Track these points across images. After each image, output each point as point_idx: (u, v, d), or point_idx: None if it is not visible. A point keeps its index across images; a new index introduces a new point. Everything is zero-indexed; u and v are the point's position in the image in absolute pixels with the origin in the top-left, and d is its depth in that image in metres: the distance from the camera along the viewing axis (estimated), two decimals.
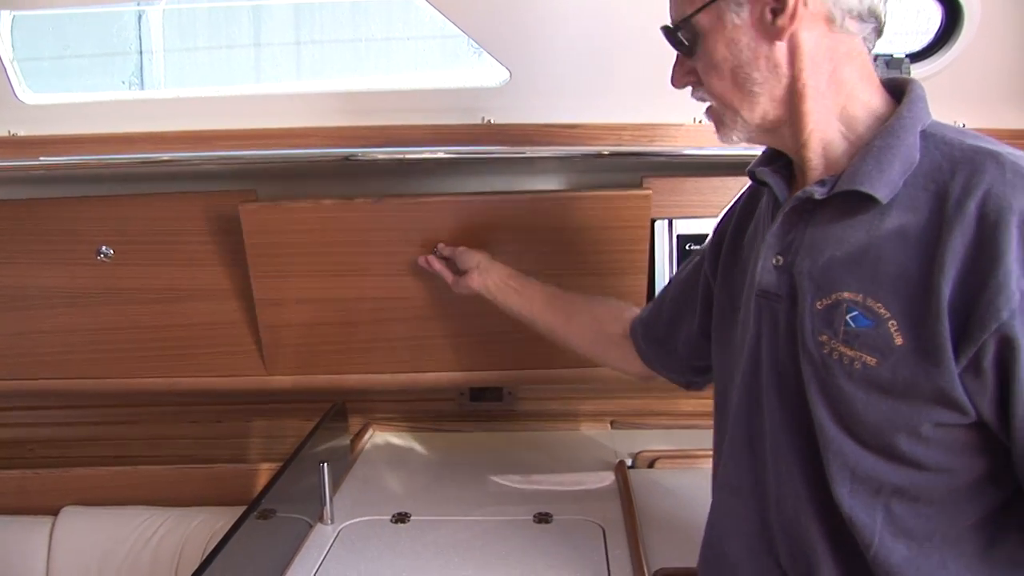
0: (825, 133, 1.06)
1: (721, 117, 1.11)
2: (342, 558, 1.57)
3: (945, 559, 1.01)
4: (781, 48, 1.03)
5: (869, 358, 0.98)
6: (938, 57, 1.70)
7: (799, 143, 1.07)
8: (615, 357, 1.57)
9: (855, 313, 0.99)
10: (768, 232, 1.12)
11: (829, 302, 1.02)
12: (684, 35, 1.08)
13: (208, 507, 2.08)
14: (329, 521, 1.70)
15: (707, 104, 1.13)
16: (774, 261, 1.10)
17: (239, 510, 1.96)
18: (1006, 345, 0.90)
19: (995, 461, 0.99)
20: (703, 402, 2.24)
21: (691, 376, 1.49)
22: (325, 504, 1.70)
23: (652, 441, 2.17)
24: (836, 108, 1.05)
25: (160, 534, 2.05)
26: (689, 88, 1.14)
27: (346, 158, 1.76)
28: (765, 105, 1.06)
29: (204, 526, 2.03)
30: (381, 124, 1.78)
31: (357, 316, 1.92)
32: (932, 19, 1.72)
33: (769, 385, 1.11)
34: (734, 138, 1.12)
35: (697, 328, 1.39)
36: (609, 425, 2.31)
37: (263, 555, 1.41)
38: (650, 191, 1.82)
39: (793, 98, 1.05)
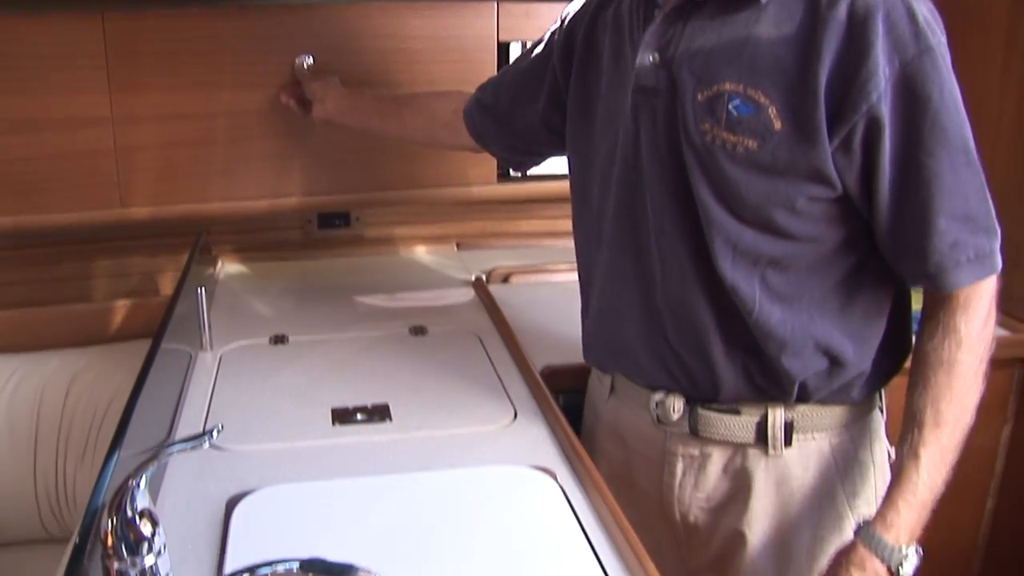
0: None
1: None
2: (230, 381, 1.59)
3: (813, 316, 1.20)
4: None
5: (751, 142, 1.10)
6: None
7: None
8: (446, 136, 1.68)
9: (736, 102, 1.11)
10: (646, 31, 1.20)
11: (711, 93, 1.13)
12: None
13: (61, 349, 2.02)
14: (209, 348, 1.71)
15: None
16: (652, 58, 1.19)
17: (97, 351, 1.96)
18: (874, 124, 1.06)
19: (853, 230, 1.16)
20: (543, 222, 2.38)
21: (522, 156, 1.61)
22: (204, 331, 1.70)
23: (500, 259, 2.27)
24: None
25: (14, 381, 1.97)
26: None
27: None
28: None
29: (63, 369, 1.97)
30: None
31: (214, 134, 1.90)
32: None
33: (651, 175, 1.22)
34: None
35: (539, 117, 1.48)
36: (455, 246, 2.40)
37: (161, 390, 1.42)
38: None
39: None
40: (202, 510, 1.21)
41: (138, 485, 0.86)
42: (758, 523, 1.28)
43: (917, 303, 1.23)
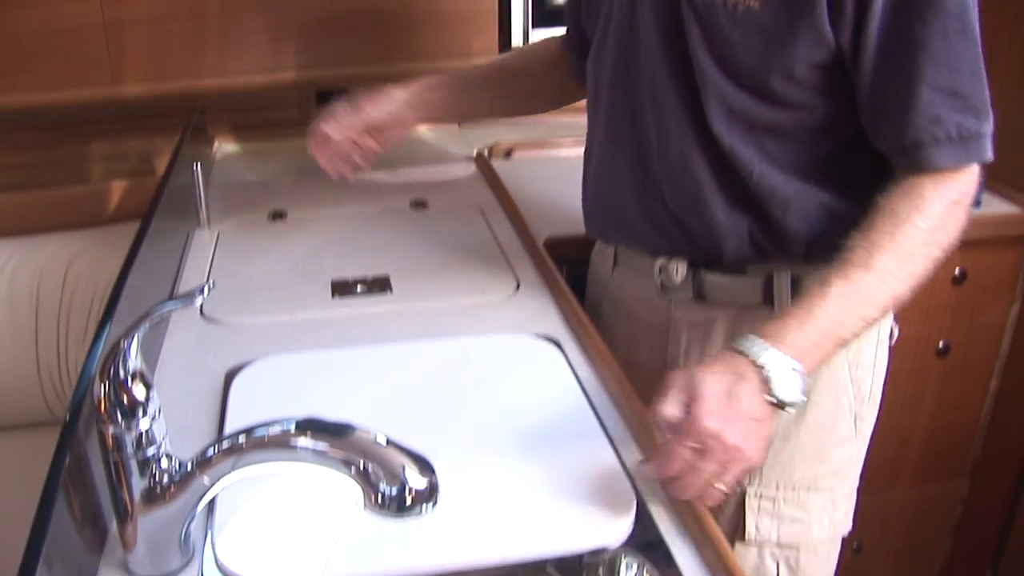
0: None
1: None
2: (229, 257, 1.57)
3: (817, 180, 1.15)
4: None
5: (753, 2, 1.05)
6: None
7: None
8: (556, 93, 1.57)
9: None
10: None
11: None
12: None
13: (58, 233, 2.00)
14: (206, 225, 1.68)
15: None
16: None
17: (95, 233, 1.93)
18: None
19: (847, 103, 1.10)
20: None
21: None
22: (201, 207, 1.67)
23: (502, 134, 2.20)
24: None
25: (11, 266, 1.96)
26: None
27: None
28: None
29: (60, 252, 1.95)
30: None
31: (205, 6, 1.84)
32: None
33: (648, 35, 1.17)
34: None
35: None
36: (457, 123, 2.33)
37: (156, 266, 1.39)
38: None
39: None
40: (201, 382, 1.20)
41: (129, 347, 0.83)
42: None
43: None
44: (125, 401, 0.83)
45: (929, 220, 1.03)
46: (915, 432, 1.94)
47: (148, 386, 0.84)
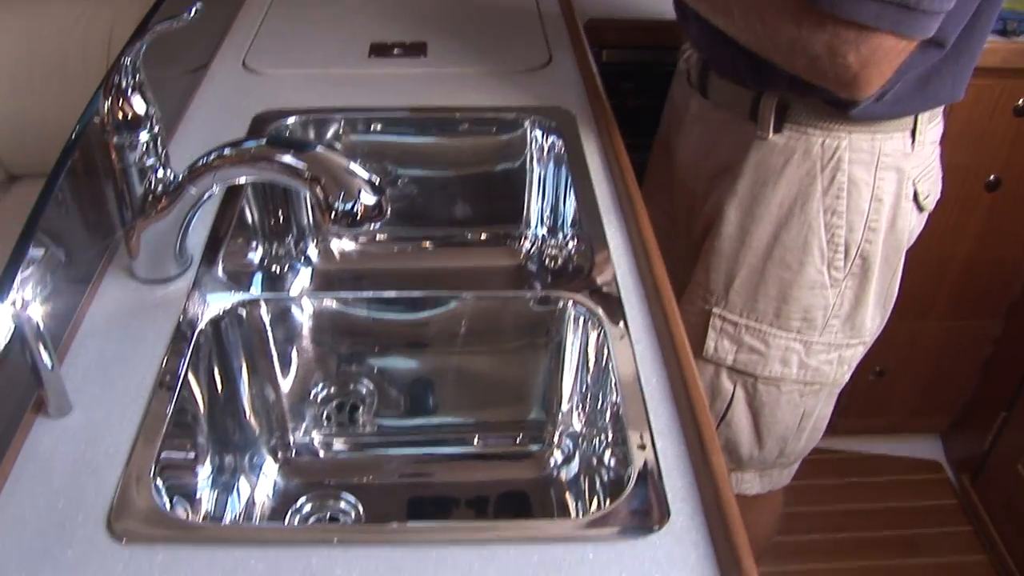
0: None
1: None
2: (278, 17, 1.59)
3: None
4: None
5: None
6: None
7: None
8: None
9: None
10: None
11: None
12: None
13: None
14: None
15: None
16: None
17: None
18: None
19: None
20: None
21: None
22: None
23: None
24: None
25: (85, 19, 2.01)
26: None
27: None
28: None
29: (134, 5, 2.00)
30: None
31: None
32: None
33: None
34: None
35: None
36: None
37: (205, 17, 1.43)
38: None
39: None
40: (230, 123, 1.26)
41: (130, 63, 0.88)
42: (734, 204, 1.20)
43: None
44: (129, 114, 0.89)
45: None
46: (953, 264, 1.91)
47: (148, 102, 0.90)
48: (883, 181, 1.14)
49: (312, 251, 1.29)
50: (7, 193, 1.81)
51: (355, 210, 0.76)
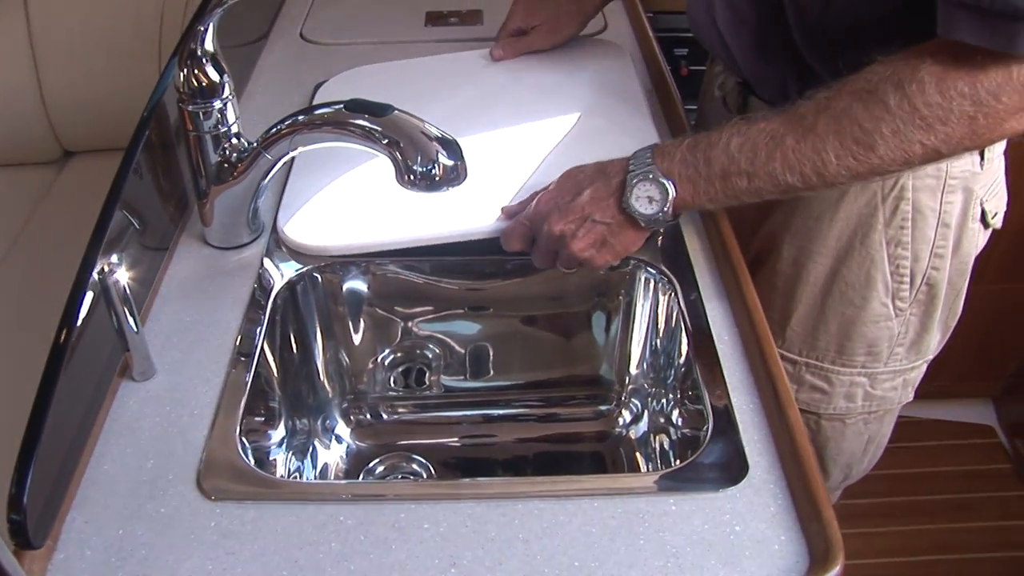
0: None
1: None
2: None
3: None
4: None
5: None
6: None
7: None
8: None
9: None
10: None
11: None
12: None
13: None
14: None
15: None
16: None
17: None
18: None
19: None
20: None
21: None
22: None
23: None
24: None
25: (135, 1, 2.03)
26: None
27: None
28: None
29: None
30: None
31: None
32: None
33: None
34: None
35: None
36: None
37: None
38: None
39: None
40: (290, 92, 1.28)
41: (204, 32, 0.90)
42: (787, 239, 1.13)
43: None
44: (204, 82, 0.90)
45: (906, 99, 0.79)
46: (1007, 225, 1.87)
47: (222, 71, 0.91)
48: (950, 205, 1.06)
49: None
50: (64, 168, 1.84)
51: (433, 172, 0.77)
